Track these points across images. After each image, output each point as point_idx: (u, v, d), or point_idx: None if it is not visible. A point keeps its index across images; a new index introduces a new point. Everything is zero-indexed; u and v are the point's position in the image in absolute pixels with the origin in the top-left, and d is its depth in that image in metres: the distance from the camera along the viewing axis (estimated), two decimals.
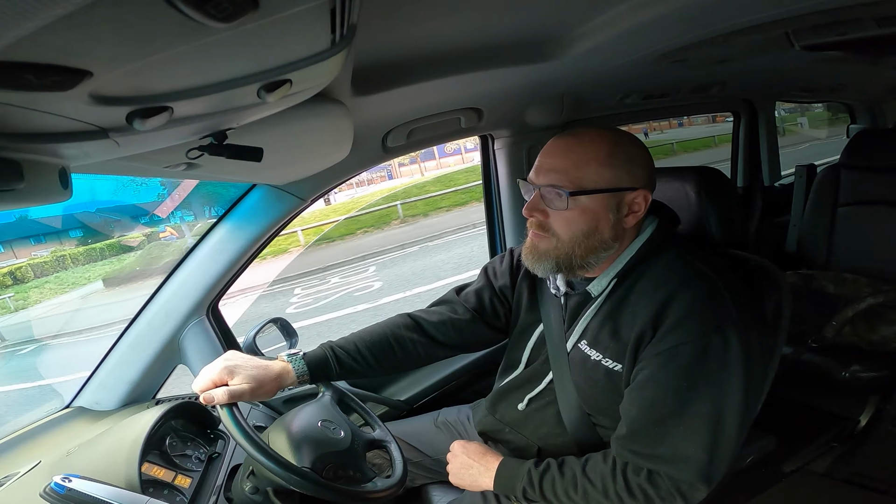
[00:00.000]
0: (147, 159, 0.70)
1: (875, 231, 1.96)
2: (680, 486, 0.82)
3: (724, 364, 0.80)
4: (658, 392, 0.82)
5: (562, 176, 0.88)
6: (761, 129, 2.55)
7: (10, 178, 0.44)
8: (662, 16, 0.83)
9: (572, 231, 0.89)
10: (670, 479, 0.82)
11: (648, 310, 0.85)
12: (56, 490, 0.78)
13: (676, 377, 0.81)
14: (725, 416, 0.80)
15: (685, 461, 0.80)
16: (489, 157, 1.75)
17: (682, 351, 0.80)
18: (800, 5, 0.87)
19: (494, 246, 1.88)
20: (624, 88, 1.55)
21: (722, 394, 0.80)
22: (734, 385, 0.80)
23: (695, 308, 0.82)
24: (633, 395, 0.86)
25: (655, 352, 0.83)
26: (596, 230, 0.89)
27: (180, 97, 0.45)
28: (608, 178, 0.87)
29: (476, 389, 1.70)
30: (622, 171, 0.88)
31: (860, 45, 1.07)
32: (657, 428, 0.82)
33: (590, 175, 0.87)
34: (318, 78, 0.60)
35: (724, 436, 0.80)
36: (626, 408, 0.87)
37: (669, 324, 0.82)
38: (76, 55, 0.31)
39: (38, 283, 13.81)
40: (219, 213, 1.34)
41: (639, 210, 0.90)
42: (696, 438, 0.80)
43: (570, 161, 0.88)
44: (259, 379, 0.94)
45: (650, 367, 0.83)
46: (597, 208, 0.88)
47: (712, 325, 0.80)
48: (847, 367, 1.65)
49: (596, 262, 0.92)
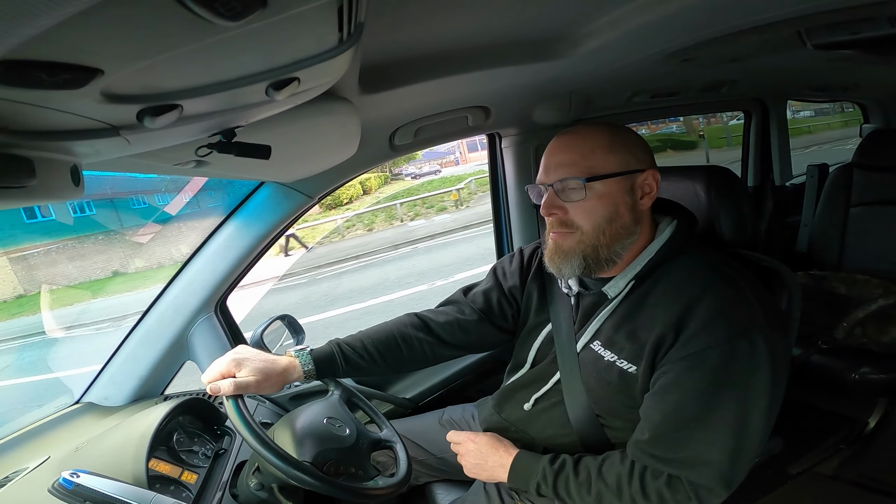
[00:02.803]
0: (157, 157, 0.70)
1: (888, 232, 1.93)
2: (699, 490, 0.81)
3: (750, 368, 0.79)
4: (683, 396, 0.81)
5: (572, 168, 0.89)
6: (773, 128, 2.52)
7: (22, 175, 0.44)
8: (672, 14, 0.82)
9: (595, 219, 0.89)
10: (690, 483, 0.81)
11: (670, 313, 0.84)
12: (64, 485, 0.79)
13: (703, 381, 0.80)
14: (750, 420, 0.79)
15: (707, 465, 0.80)
16: (496, 155, 1.74)
17: (709, 355, 0.80)
18: (812, 4, 0.86)
19: (502, 245, 1.87)
20: (632, 87, 1.54)
21: (748, 398, 0.79)
22: (760, 389, 0.79)
23: (720, 311, 0.81)
24: (657, 400, 0.85)
25: (680, 356, 0.82)
26: (617, 214, 0.89)
27: (190, 95, 0.45)
28: (616, 163, 0.89)
29: (481, 388, 1.70)
30: (627, 154, 0.90)
31: (873, 44, 1.05)
32: (681, 433, 0.81)
33: (598, 162, 0.88)
34: (325, 76, 0.60)
35: (748, 440, 0.79)
36: (648, 412, 0.86)
37: (694, 327, 0.82)
38: (88, 53, 0.32)
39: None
40: None
41: (651, 191, 0.91)
42: (721, 443, 0.79)
43: (576, 153, 0.90)
44: (265, 372, 0.95)
45: (674, 371, 0.83)
46: (613, 192, 0.89)
47: (739, 329, 0.80)
48: (857, 368, 1.63)
49: (622, 249, 0.91)
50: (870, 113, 2.87)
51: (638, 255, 0.93)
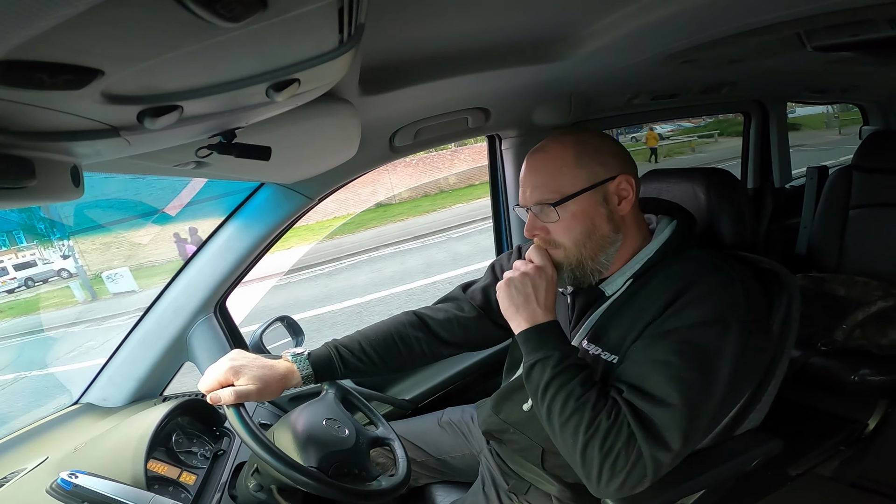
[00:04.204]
0: (157, 158, 0.70)
1: (887, 234, 1.94)
2: (656, 453, 0.77)
3: (716, 354, 0.79)
4: (655, 355, 0.80)
5: (543, 190, 0.91)
6: (772, 130, 2.53)
7: (22, 176, 0.44)
8: (672, 16, 0.82)
9: (573, 236, 0.91)
10: (648, 440, 0.77)
11: (660, 302, 0.85)
12: (62, 486, 0.78)
13: (670, 352, 0.79)
14: (705, 402, 0.78)
15: (668, 408, 0.77)
16: (496, 156, 1.75)
17: (679, 332, 0.80)
18: (811, 6, 0.86)
19: (501, 243, 1.88)
20: (633, 89, 1.54)
21: (711, 377, 0.78)
22: (722, 373, 0.78)
23: (703, 296, 0.82)
24: (630, 361, 0.83)
25: (652, 332, 0.83)
26: (594, 228, 0.90)
27: (190, 96, 0.45)
28: (584, 177, 0.90)
29: (481, 389, 1.70)
30: (595, 165, 0.90)
31: (873, 46, 1.06)
32: (648, 379, 0.79)
33: (567, 181, 0.89)
34: (326, 77, 0.60)
35: (705, 407, 0.78)
36: (621, 370, 0.84)
37: (676, 307, 0.83)
38: (88, 54, 0.32)
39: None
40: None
41: (628, 195, 0.91)
42: (681, 392, 0.77)
43: (545, 174, 0.91)
44: (265, 379, 0.94)
45: (641, 342, 0.83)
46: (586, 207, 0.90)
47: (718, 312, 0.80)
48: (856, 370, 1.63)
49: (606, 259, 0.92)
50: (869, 115, 2.88)
51: (633, 255, 0.94)
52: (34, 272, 15.54)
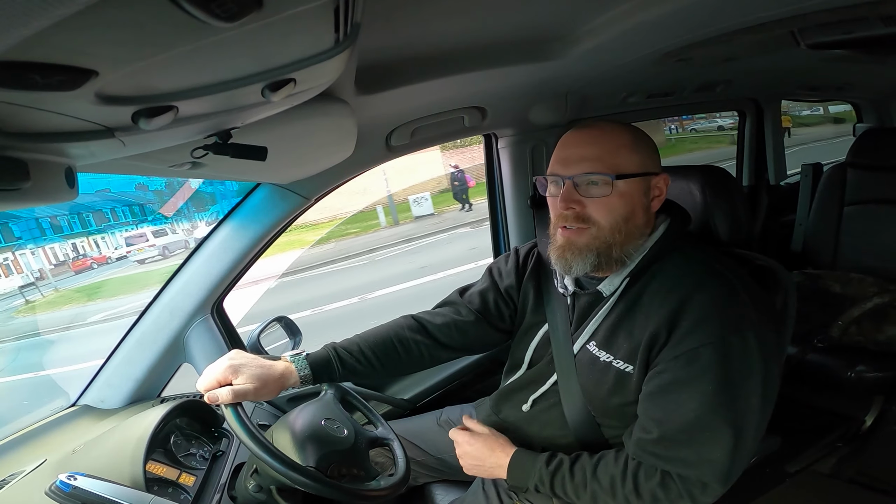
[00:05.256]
0: (152, 158, 0.70)
1: (882, 230, 1.94)
2: (692, 489, 0.82)
3: (744, 367, 0.80)
4: (682, 395, 0.82)
5: (597, 163, 0.88)
6: (767, 128, 2.54)
7: (16, 178, 0.44)
8: (667, 14, 0.82)
9: (614, 217, 0.89)
10: (682, 481, 0.82)
11: (663, 310, 0.85)
12: (61, 488, 0.78)
13: (699, 381, 0.80)
14: (747, 418, 0.80)
15: (709, 464, 0.81)
16: (493, 155, 1.74)
17: (703, 353, 0.80)
18: (805, 4, 0.87)
19: (498, 245, 1.88)
20: (628, 87, 1.54)
21: (744, 396, 0.80)
22: (754, 388, 0.80)
23: (712, 309, 0.82)
24: (657, 399, 0.85)
25: (673, 354, 0.83)
26: (633, 214, 0.90)
27: (185, 96, 0.45)
28: (638, 163, 0.89)
29: (479, 389, 1.70)
30: (647, 156, 0.91)
31: (866, 43, 1.06)
32: (683, 432, 0.82)
33: (624, 160, 0.88)
34: (321, 77, 0.60)
35: (745, 437, 0.80)
36: (649, 411, 0.86)
37: (686, 326, 0.82)
38: (82, 55, 0.32)
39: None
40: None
41: (661, 194, 0.93)
42: (721, 442, 0.80)
43: (601, 149, 0.89)
44: (263, 378, 0.94)
45: (670, 370, 0.83)
46: (633, 192, 0.89)
47: (730, 326, 0.80)
48: (853, 367, 1.64)
49: (634, 250, 0.91)
50: (863, 112, 2.89)
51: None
52: (169, 241, 16.51)
